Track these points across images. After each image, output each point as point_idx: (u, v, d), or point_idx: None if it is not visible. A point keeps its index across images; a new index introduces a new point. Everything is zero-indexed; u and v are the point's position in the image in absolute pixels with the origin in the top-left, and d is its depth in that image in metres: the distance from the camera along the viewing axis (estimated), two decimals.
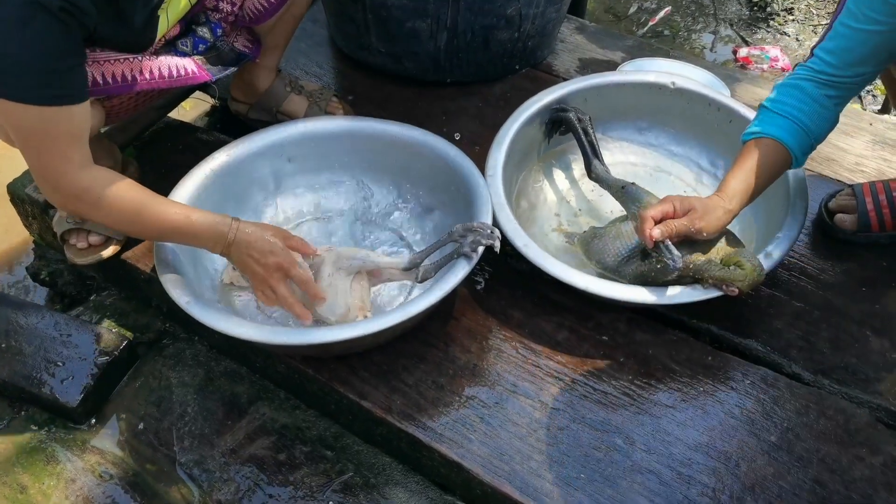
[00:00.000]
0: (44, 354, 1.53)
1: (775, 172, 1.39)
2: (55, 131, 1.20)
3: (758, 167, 1.36)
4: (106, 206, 1.28)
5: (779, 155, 1.36)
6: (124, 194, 1.29)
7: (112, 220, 1.34)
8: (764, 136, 1.37)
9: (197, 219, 1.32)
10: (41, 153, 1.22)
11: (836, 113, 1.38)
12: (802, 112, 1.35)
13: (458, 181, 1.53)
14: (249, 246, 1.32)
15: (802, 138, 1.36)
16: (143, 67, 1.36)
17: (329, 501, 1.35)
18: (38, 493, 1.39)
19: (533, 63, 2.08)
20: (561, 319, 1.48)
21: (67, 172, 1.24)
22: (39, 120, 1.17)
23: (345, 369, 1.40)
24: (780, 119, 1.36)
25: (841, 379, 1.39)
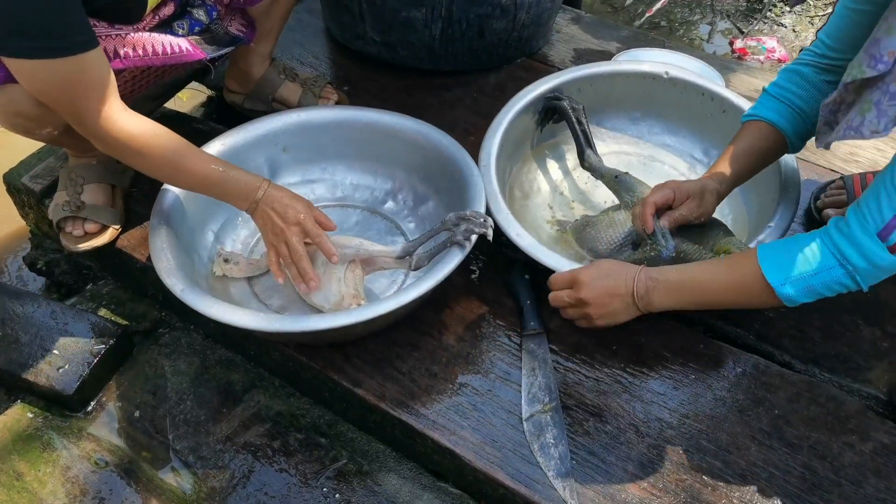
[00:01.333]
0: (40, 343, 1.53)
1: (769, 155, 1.40)
2: (88, 79, 1.20)
3: (750, 150, 1.37)
4: (149, 154, 1.31)
5: (773, 138, 1.37)
6: (167, 143, 1.32)
7: (152, 167, 1.36)
8: (760, 119, 1.38)
9: (233, 175, 1.36)
10: (81, 103, 1.22)
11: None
12: (800, 97, 1.35)
13: (453, 170, 1.54)
14: (274, 201, 1.35)
15: (798, 123, 1.36)
16: (136, 43, 1.36)
17: (323, 488, 1.36)
18: (35, 481, 1.40)
19: (528, 53, 2.08)
20: (553, 308, 1.48)
21: (111, 117, 1.25)
22: (70, 71, 1.17)
23: (339, 357, 1.41)
24: (777, 103, 1.37)
25: (832, 367, 1.40)
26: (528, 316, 1.44)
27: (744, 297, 1.23)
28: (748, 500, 1.21)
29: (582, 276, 1.30)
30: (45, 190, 1.71)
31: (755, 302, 1.23)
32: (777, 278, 1.16)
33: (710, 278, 1.25)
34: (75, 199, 1.54)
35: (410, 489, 1.35)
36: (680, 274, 1.27)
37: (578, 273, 1.31)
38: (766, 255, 1.18)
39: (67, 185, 1.56)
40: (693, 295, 1.26)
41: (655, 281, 1.26)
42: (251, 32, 1.64)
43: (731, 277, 1.23)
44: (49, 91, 1.22)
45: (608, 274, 1.30)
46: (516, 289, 1.49)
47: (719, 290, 1.24)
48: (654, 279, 1.26)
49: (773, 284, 1.16)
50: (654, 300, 1.27)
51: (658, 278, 1.26)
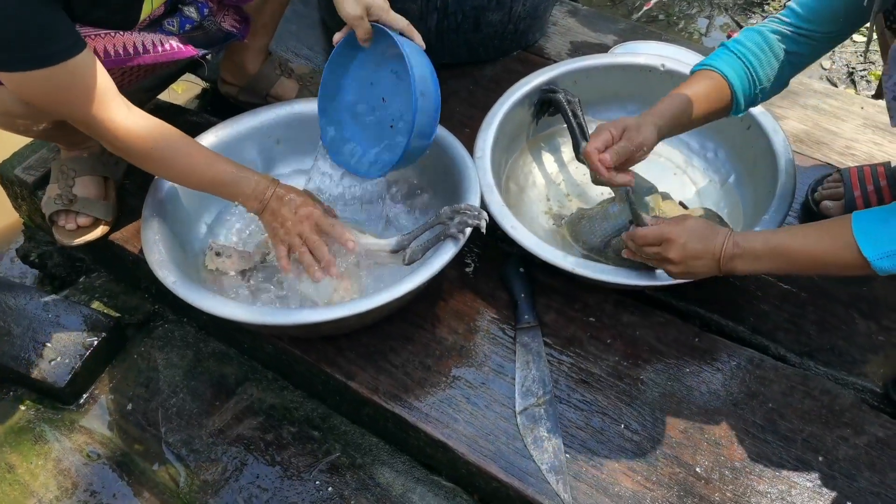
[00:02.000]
0: (32, 335, 1.53)
1: (713, 109, 1.35)
2: (80, 83, 1.19)
3: (694, 95, 1.33)
4: (158, 155, 1.31)
5: (719, 91, 1.34)
6: (176, 143, 1.32)
7: (161, 168, 1.36)
8: (712, 70, 1.35)
9: (243, 175, 1.36)
10: (78, 108, 1.21)
11: (788, 74, 1.37)
12: (757, 58, 1.34)
13: (447, 163, 1.53)
14: (284, 198, 1.36)
15: (748, 83, 1.34)
16: (126, 42, 1.34)
17: (316, 481, 1.35)
18: (26, 473, 1.40)
19: (524, 45, 2.07)
20: (548, 301, 1.48)
21: (114, 119, 1.24)
22: (58, 79, 1.16)
23: (332, 350, 1.41)
24: (733, 58, 1.34)
25: (827, 361, 1.40)
26: (522, 309, 1.44)
27: (833, 267, 1.18)
28: (741, 494, 1.21)
29: (672, 234, 1.23)
30: (38, 181, 1.71)
31: (845, 272, 1.18)
32: (874, 252, 1.11)
33: (798, 247, 1.19)
34: (67, 193, 1.53)
35: (403, 482, 1.34)
36: (766, 241, 1.21)
37: (668, 231, 1.24)
38: (861, 226, 1.13)
39: (59, 178, 1.56)
40: (778, 262, 1.22)
41: (741, 248, 1.22)
42: (245, 28, 1.63)
43: (820, 247, 1.17)
44: (42, 100, 1.21)
45: (698, 236, 1.23)
46: (511, 282, 1.48)
47: (807, 259, 1.19)
48: (739, 246, 1.22)
49: (870, 258, 1.11)
50: (738, 266, 1.23)
51: (744, 245, 1.21)
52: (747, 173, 1.62)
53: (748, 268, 1.23)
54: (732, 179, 1.64)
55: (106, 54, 1.30)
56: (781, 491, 1.21)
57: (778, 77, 1.35)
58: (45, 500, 1.36)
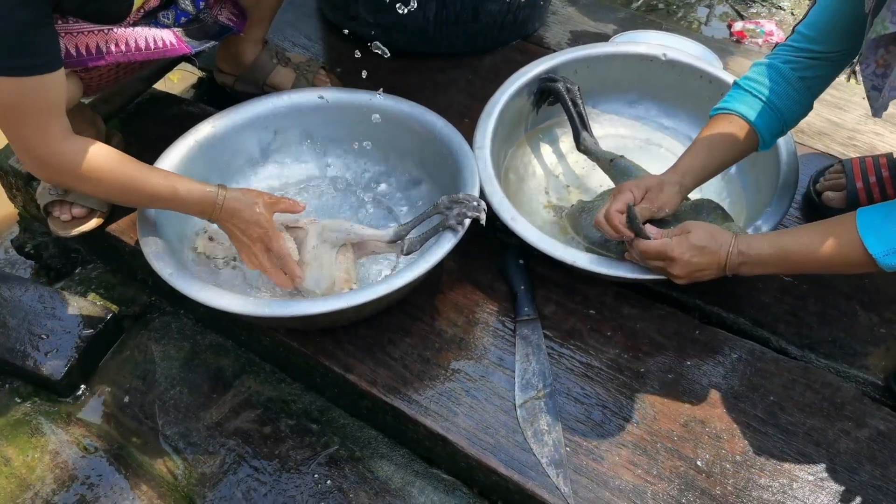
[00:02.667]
0: (28, 327, 1.51)
1: (738, 151, 1.35)
2: (31, 103, 1.16)
3: (719, 144, 1.33)
4: (93, 178, 1.26)
5: (744, 134, 1.33)
6: (109, 165, 1.27)
7: (99, 191, 1.34)
8: (731, 113, 1.34)
9: (184, 189, 1.32)
10: (19, 127, 1.19)
11: (810, 98, 1.35)
12: (775, 93, 1.32)
13: (446, 153, 1.52)
14: (234, 215, 1.34)
15: (772, 120, 1.33)
16: (119, 39, 1.32)
17: (314, 474, 1.34)
18: (23, 466, 1.39)
19: (523, 35, 2.05)
20: (548, 293, 1.47)
21: (49, 145, 1.21)
22: (12, 93, 1.14)
23: (330, 342, 1.39)
24: (750, 98, 1.33)
25: (828, 353, 1.39)
26: (521, 302, 1.43)
27: (840, 266, 1.18)
28: (742, 488, 1.20)
29: (675, 253, 1.23)
30: None
31: (852, 270, 1.19)
32: (880, 248, 1.11)
33: (803, 249, 1.19)
34: None
35: (402, 475, 1.34)
36: (772, 245, 1.22)
37: (671, 250, 1.24)
38: (865, 223, 1.13)
39: None
40: (785, 266, 1.23)
41: (747, 256, 1.22)
42: (241, 22, 1.61)
43: (826, 247, 1.17)
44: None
45: (702, 251, 1.23)
46: (510, 274, 1.47)
47: (813, 260, 1.19)
48: (744, 254, 1.21)
49: (876, 255, 1.11)
50: (744, 272, 1.24)
51: (749, 252, 1.21)
52: (749, 163, 1.60)
53: (754, 272, 1.24)
54: (734, 170, 1.63)
55: (98, 51, 1.29)
56: (783, 484, 1.20)
57: (799, 102, 1.34)
58: (42, 492, 1.35)
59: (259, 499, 1.32)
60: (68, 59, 1.26)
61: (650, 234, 1.28)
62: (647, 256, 1.28)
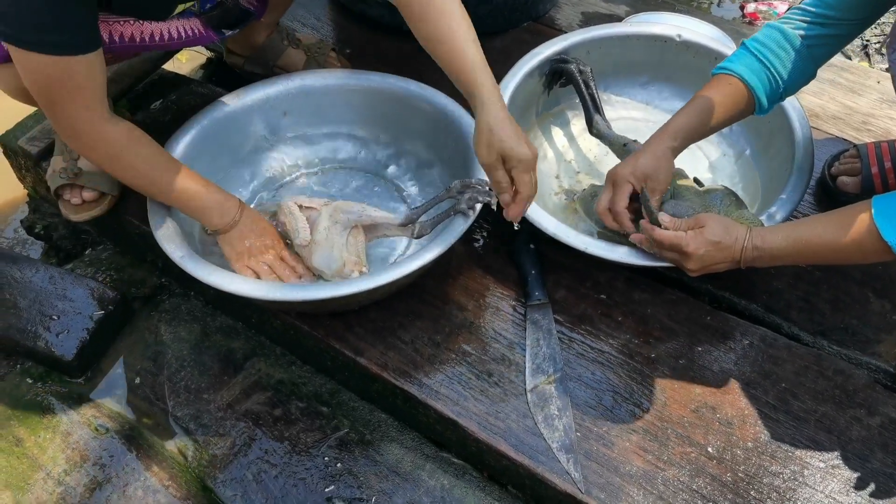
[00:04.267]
0: (39, 308, 1.52)
1: (733, 113, 1.34)
2: (78, 80, 1.17)
3: (713, 105, 1.32)
4: (126, 163, 1.30)
5: (740, 96, 1.32)
6: (146, 153, 1.32)
7: (127, 176, 1.35)
8: (730, 74, 1.33)
9: (209, 194, 1.36)
10: (65, 103, 1.20)
11: (813, 67, 1.33)
12: (778, 58, 1.30)
13: (457, 136, 1.50)
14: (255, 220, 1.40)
15: (771, 85, 1.32)
16: (154, 30, 1.35)
17: (325, 457, 1.35)
18: (35, 446, 1.40)
19: (534, 16, 2.03)
20: (558, 278, 1.46)
21: (93, 121, 1.23)
22: (62, 69, 1.15)
23: (340, 326, 1.39)
24: (752, 60, 1.32)
25: (840, 340, 1.38)
26: (532, 286, 1.42)
27: (856, 254, 1.16)
28: (753, 474, 1.20)
29: (689, 247, 1.22)
30: (42, 152, 1.68)
31: (869, 258, 1.16)
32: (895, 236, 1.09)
33: (818, 240, 1.18)
34: (72, 166, 1.51)
35: (412, 459, 1.34)
36: (786, 238, 1.20)
37: (685, 244, 1.22)
38: (881, 210, 1.11)
39: (64, 151, 1.53)
40: (800, 258, 1.21)
41: (761, 250, 1.20)
42: (262, 7, 1.61)
43: (841, 236, 1.15)
44: (32, 85, 1.18)
45: (716, 244, 1.22)
46: (521, 258, 1.46)
47: (828, 251, 1.17)
48: (759, 248, 1.20)
49: (892, 242, 1.09)
50: (759, 265, 1.23)
51: (763, 247, 1.20)
52: (763, 148, 1.59)
53: (770, 265, 1.23)
54: (748, 153, 1.62)
55: (132, 39, 1.31)
56: (794, 471, 1.20)
57: (802, 71, 1.32)
58: (54, 473, 1.36)
59: (269, 481, 1.33)
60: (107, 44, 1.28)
61: (664, 222, 1.27)
62: (662, 247, 1.27)
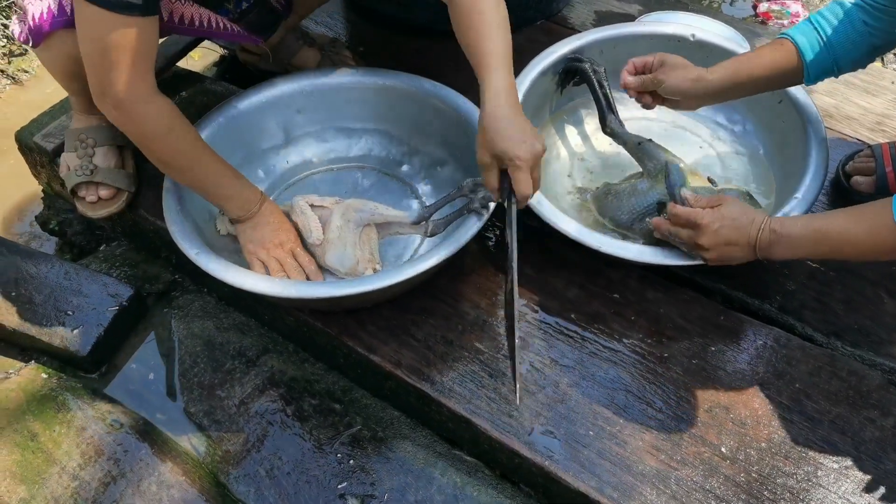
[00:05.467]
0: (54, 303, 1.53)
1: (778, 72, 1.35)
2: (138, 45, 1.17)
3: (762, 60, 1.35)
4: (170, 141, 1.29)
5: (789, 58, 1.33)
6: (188, 134, 1.32)
7: (166, 154, 1.33)
8: (786, 38, 1.35)
9: (236, 183, 1.38)
10: (122, 68, 1.18)
11: (868, 46, 1.32)
12: (834, 30, 1.31)
13: (471, 134, 1.50)
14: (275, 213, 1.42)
15: (822, 54, 1.32)
16: (210, 17, 1.38)
17: (337, 454, 1.35)
18: (49, 441, 1.40)
19: (548, 15, 2.03)
20: (571, 276, 1.46)
21: (145, 93, 1.23)
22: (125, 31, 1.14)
23: (353, 323, 1.40)
24: (809, 28, 1.33)
25: (854, 341, 1.38)
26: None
27: (872, 250, 1.15)
28: (767, 475, 1.20)
29: (704, 221, 1.22)
30: (58, 149, 1.69)
31: (885, 255, 1.16)
32: None
33: (837, 232, 1.17)
34: (87, 164, 1.52)
35: (425, 456, 1.34)
36: (805, 227, 1.20)
37: (701, 217, 1.23)
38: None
39: (77, 148, 1.54)
40: (817, 248, 1.20)
41: (778, 235, 1.20)
42: (287, 8, 1.65)
43: (860, 230, 1.14)
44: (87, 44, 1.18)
45: (731, 223, 1.22)
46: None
47: (846, 244, 1.16)
48: (777, 233, 1.20)
49: None
50: (776, 253, 1.21)
51: (781, 232, 1.20)
52: (777, 147, 1.59)
53: (786, 254, 1.21)
54: (762, 153, 1.61)
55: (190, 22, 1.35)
56: (808, 472, 1.20)
57: (858, 46, 1.31)
58: (69, 468, 1.37)
59: (282, 477, 1.33)
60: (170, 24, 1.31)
61: (687, 197, 1.27)
62: (676, 222, 1.27)
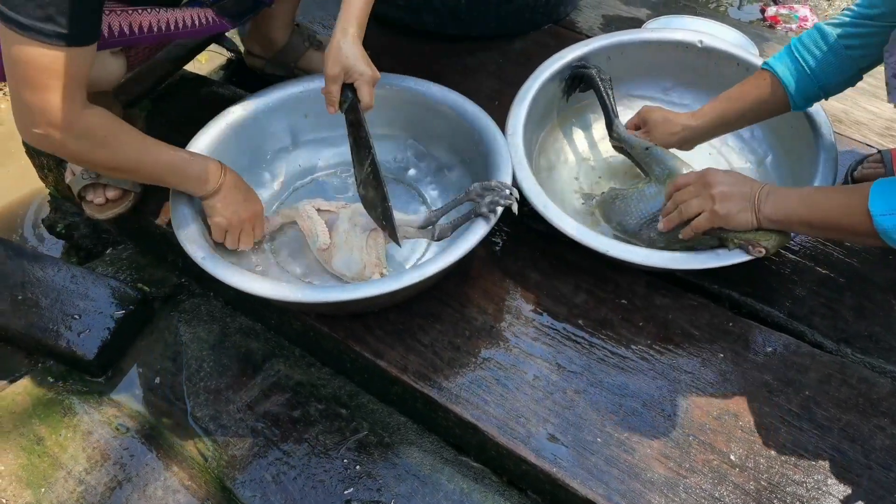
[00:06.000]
0: (60, 307, 1.53)
1: (763, 106, 1.40)
2: (71, 70, 1.16)
3: (743, 95, 1.40)
4: (113, 148, 1.27)
5: (773, 90, 1.37)
6: (128, 136, 1.30)
7: (114, 160, 1.30)
8: (767, 70, 1.38)
9: (189, 155, 1.38)
10: (50, 93, 1.16)
11: (853, 67, 1.33)
12: (814, 57, 1.33)
13: (478, 139, 1.50)
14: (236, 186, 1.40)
15: (805, 83, 1.34)
16: (169, 18, 1.35)
17: (344, 459, 1.35)
18: (55, 445, 1.40)
19: (555, 19, 2.03)
20: (579, 282, 1.46)
21: (76, 111, 1.21)
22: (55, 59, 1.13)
23: (360, 328, 1.39)
24: (790, 58, 1.36)
25: (864, 348, 1.37)
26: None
27: (845, 220, 1.15)
28: (776, 483, 1.19)
29: (709, 173, 1.31)
30: None
31: (854, 230, 1.14)
32: (880, 206, 1.07)
33: (820, 196, 1.22)
34: None
35: (432, 462, 1.34)
36: (795, 188, 1.30)
37: (706, 172, 1.32)
38: (881, 185, 1.10)
39: None
40: (801, 206, 1.21)
41: (774, 189, 1.26)
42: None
43: (839, 198, 1.16)
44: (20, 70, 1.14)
45: (735, 177, 1.29)
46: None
47: (825, 209, 1.18)
48: (772, 187, 1.26)
49: (873, 212, 1.07)
50: (768, 208, 1.24)
51: (775, 188, 1.26)
52: (785, 153, 1.58)
53: (777, 211, 1.23)
54: (770, 160, 1.61)
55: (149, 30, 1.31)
56: (817, 480, 1.19)
57: (840, 69, 1.33)
58: (75, 472, 1.37)
59: (289, 482, 1.33)
60: (121, 37, 1.28)
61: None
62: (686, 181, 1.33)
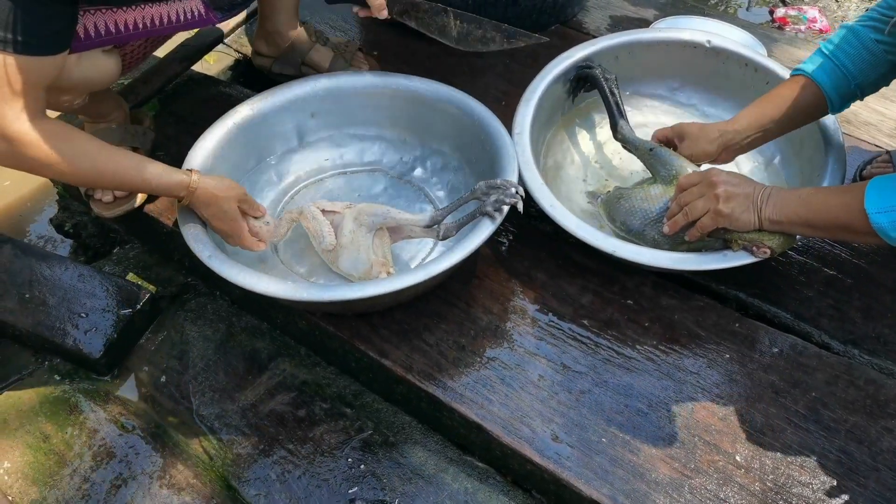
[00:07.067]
0: (67, 306, 1.53)
1: (802, 110, 1.37)
2: (32, 80, 1.13)
3: (783, 101, 1.36)
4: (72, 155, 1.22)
5: (810, 94, 1.34)
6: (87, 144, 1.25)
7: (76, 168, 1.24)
8: (801, 73, 1.36)
9: (154, 171, 1.31)
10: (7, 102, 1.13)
11: (888, 62, 1.32)
12: (848, 56, 1.31)
13: (484, 138, 1.50)
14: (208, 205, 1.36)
15: (841, 82, 1.32)
16: (154, 14, 1.33)
17: (348, 458, 1.35)
18: (61, 443, 1.41)
19: (562, 19, 2.02)
20: (585, 282, 1.45)
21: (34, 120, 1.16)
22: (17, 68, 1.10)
23: (365, 327, 1.39)
24: (824, 59, 1.33)
25: (872, 349, 1.36)
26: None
27: (844, 219, 1.15)
28: (782, 484, 1.18)
29: (712, 171, 1.31)
30: None
31: (853, 229, 1.14)
32: (875, 204, 1.08)
33: (820, 195, 1.21)
34: None
35: (436, 462, 1.33)
36: (795, 189, 1.29)
37: (710, 171, 1.31)
38: (877, 180, 1.10)
39: None
40: (801, 206, 1.21)
41: (775, 190, 1.25)
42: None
43: (837, 197, 1.16)
44: None
45: (738, 178, 1.29)
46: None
47: (825, 209, 1.18)
48: (773, 188, 1.26)
49: (868, 210, 1.08)
50: (770, 208, 1.24)
51: (776, 190, 1.26)
52: (794, 154, 1.58)
53: (777, 211, 1.23)
54: (778, 160, 1.60)
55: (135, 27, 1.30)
56: (824, 482, 1.18)
57: (876, 66, 1.32)
58: (81, 469, 1.37)
59: (293, 481, 1.33)
60: (107, 36, 1.27)
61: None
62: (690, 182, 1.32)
